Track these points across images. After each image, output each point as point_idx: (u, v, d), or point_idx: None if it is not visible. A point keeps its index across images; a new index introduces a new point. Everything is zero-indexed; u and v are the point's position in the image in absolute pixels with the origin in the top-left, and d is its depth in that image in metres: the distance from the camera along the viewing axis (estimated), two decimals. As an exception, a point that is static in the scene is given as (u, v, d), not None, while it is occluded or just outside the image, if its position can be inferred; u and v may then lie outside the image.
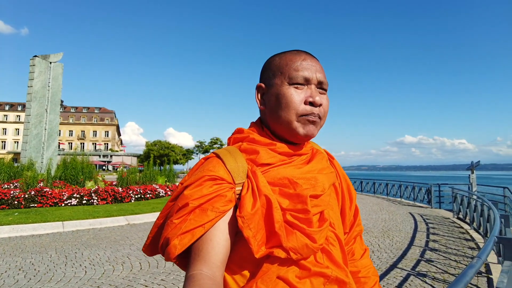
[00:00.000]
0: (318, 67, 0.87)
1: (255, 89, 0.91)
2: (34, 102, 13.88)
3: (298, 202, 0.77)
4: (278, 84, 0.85)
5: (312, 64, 0.85)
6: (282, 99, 0.83)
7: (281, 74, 0.85)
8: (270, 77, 0.87)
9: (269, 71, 0.88)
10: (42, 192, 9.56)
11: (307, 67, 0.84)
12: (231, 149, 0.84)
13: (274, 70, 0.87)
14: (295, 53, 0.87)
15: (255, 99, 0.92)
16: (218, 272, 0.70)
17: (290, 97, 0.82)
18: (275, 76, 0.86)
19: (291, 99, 0.82)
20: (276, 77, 0.86)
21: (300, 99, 0.83)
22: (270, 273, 0.74)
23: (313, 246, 0.74)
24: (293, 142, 0.87)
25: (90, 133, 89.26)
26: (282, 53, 0.90)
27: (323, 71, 0.88)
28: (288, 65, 0.85)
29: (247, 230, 0.72)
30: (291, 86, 0.83)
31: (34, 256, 5.07)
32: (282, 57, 0.88)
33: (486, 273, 4.58)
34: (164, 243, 0.75)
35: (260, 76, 0.92)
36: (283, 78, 0.84)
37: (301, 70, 0.84)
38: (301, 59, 0.85)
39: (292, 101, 0.82)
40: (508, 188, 9.60)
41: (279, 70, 0.86)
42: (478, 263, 1.67)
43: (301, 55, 0.87)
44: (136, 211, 9.14)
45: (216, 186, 0.75)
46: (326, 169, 0.89)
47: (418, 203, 13.81)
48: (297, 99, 0.83)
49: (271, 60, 0.90)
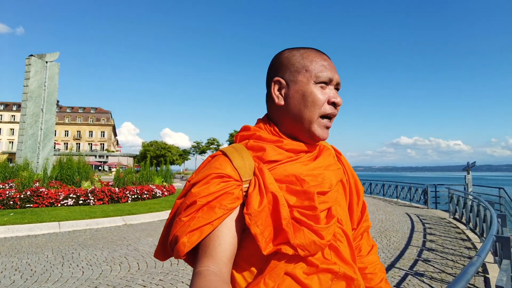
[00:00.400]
0: (335, 69, 0.89)
1: (272, 82, 0.88)
2: (30, 102, 13.78)
3: (305, 199, 0.77)
4: (304, 81, 0.84)
5: (332, 65, 0.88)
6: (308, 97, 0.84)
7: (307, 71, 0.85)
8: (292, 73, 0.86)
9: (290, 66, 0.86)
10: (38, 192, 9.49)
11: (329, 67, 0.86)
12: (237, 147, 0.84)
13: (297, 67, 0.85)
14: (316, 52, 0.88)
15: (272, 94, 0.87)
16: (225, 269, 0.70)
17: (317, 95, 0.84)
18: (299, 73, 0.85)
19: (318, 98, 0.83)
20: (301, 74, 0.85)
21: (324, 98, 0.84)
22: (277, 269, 0.74)
23: (320, 242, 0.74)
24: (303, 141, 0.87)
25: (86, 133, 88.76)
26: (300, 49, 0.88)
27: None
28: (313, 63, 0.85)
29: (255, 227, 0.72)
30: (317, 85, 0.84)
31: (30, 257, 5.03)
32: (304, 54, 0.87)
33: (483, 273, 4.61)
34: (173, 240, 0.75)
35: (276, 69, 0.89)
36: (309, 76, 0.84)
37: (325, 70, 0.85)
38: (323, 59, 0.87)
39: (318, 100, 0.84)
40: (503, 189, 9.68)
41: (304, 67, 0.85)
42: (478, 261, 1.68)
43: (322, 55, 0.88)
44: (133, 211, 9.10)
45: (223, 183, 0.75)
46: (333, 165, 0.89)
47: (414, 204, 13.88)
48: (322, 98, 0.84)
49: (290, 55, 0.88)
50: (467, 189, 12.14)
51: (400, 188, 15.68)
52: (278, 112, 0.89)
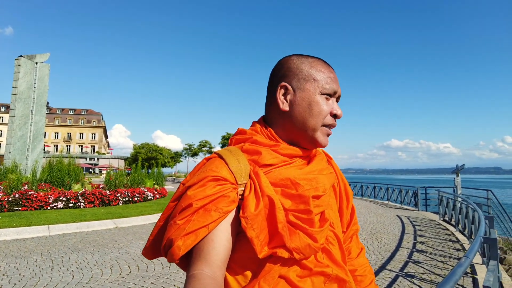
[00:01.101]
0: (338, 82, 0.92)
1: (278, 87, 0.88)
2: (19, 103, 13.56)
3: (300, 202, 0.78)
4: (312, 91, 0.86)
5: (336, 78, 0.91)
6: (315, 106, 0.85)
7: (315, 81, 0.86)
8: (300, 80, 0.87)
9: (299, 73, 0.87)
10: (27, 195, 9.33)
11: (334, 80, 0.89)
12: (233, 150, 0.84)
13: (305, 75, 0.87)
14: (324, 63, 0.91)
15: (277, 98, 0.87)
16: (219, 272, 0.70)
17: (322, 106, 0.86)
18: (307, 81, 0.86)
19: (323, 108, 0.86)
20: (309, 82, 0.86)
21: (328, 110, 0.87)
22: (272, 273, 0.74)
23: (315, 246, 0.75)
24: (304, 147, 0.89)
25: (77, 135, 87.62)
26: (309, 57, 0.90)
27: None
28: (321, 74, 0.87)
29: (251, 230, 0.72)
30: (323, 96, 0.87)
31: (19, 261, 4.95)
32: (313, 63, 0.88)
33: (472, 274, 4.69)
34: (167, 244, 0.74)
35: (283, 75, 0.89)
36: (316, 86, 0.86)
37: (331, 83, 0.88)
38: (329, 71, 0.89)
39: (323, 110, 0.86)
40: (491, 191, 9.87)
41: (312, 76, 0.86)
42: (466, 262, 1.72)
43: (329, 67, 0.91)
44: (124, 214, 9.01)
45: (219, 186, 0.75)
46: (325, 170, 0.91)
47: (405, 206, 14.03)
48: (326, 109, 0.87)
49: (299, 62, 0.88)
50: (456, 191, 12.34)
51: (391, 190, 15.85)
52: (280, 117, 0.89)
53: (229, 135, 57.08)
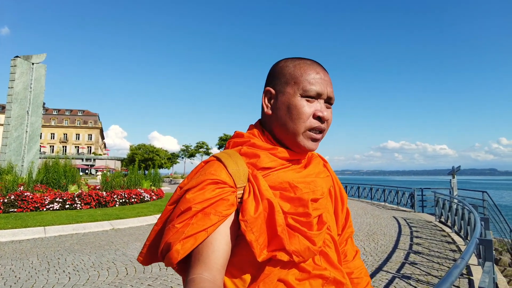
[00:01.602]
0: (329, 82, 0.87)
1: (263, 92, 0.90)
2: (15, 104, 13.47)
3: (299, 205, 0.78)
4: (291, 93, 0.84)
5: (324, 79, 0.86)
6: (293, 110, 0.83)
7: (295, 84, 0.85)
8: (282, 84, 0.87)
9: (282, 77, 0.87)
10: (23, 196, 9.27)
11: (320, 81, 0.85)
12: (231, 153, 0.84)
13: (287, 78, 0.86)
14: (310, 64, 0.87)
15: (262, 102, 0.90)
16: (219, 276, 0.70)
17: (301, 109, 0.83)
18: (287, 84, 0.86)
19: (302, 111, 0.83)
20: (289, 85, 0.85)
21: (310, 112, 0.84)
22: (272, 276, 0.74)
23: (313, 248, 0.76)
24: (293, 150, 0.88)
25: (73, 136, 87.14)
26: (295, 60, 0.89)
27: (332, 85, 0.89)
28: (303, 76, 0.85)
29: (250, 234, 0.72)
30: (303, 98, 0.84)
31: (14, 263, 4.91)
32: (297, 65, 0.87)
33: (467, 275, 4.72)
34: (165, 248, 0.73)
35: (268, 79, 0.91)
36: (296, 88, 0.84)
37: (315, 84, 0.84)
38: (315, 72, 0.86)
39: (303, 113, 0.83)
40: (486, 192, 9.92)
41: (293, 79, 0.85)
42: (462, 263, 1.73)
43: (316, 67, 0.87)
44: (121, 216, 8.97)
45: (218, 190, 0.75)
46: (322, 173, 0.92)
47: (401, 207, 14.08)
48: (307, 111, 0.83)
49: (283, 66, 0.89)
50: (452, 192, 12.39)
51: (388, 192, 15.90)
52: (268, 121, 0.90)
53: (226, 136, 56.98)
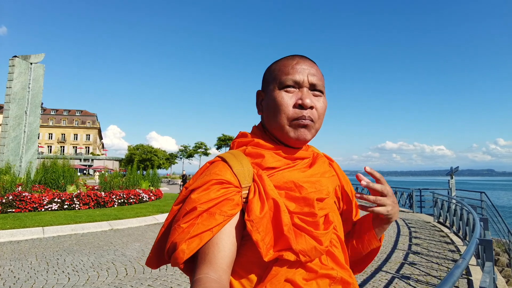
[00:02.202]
0: (313, 70, 0.87)
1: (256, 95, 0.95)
2: (13, 104, 13.43)
3: (304, 205, 0.79)
4: (271, 89, 0.87)
5: (304, 67, 0.86)
6: (273, 103, 0.85)
7: (274, 80, 0.87)
8: (267, 84, 0.90)
9: (267, 77, 0.91)
10: (21, 196, 9.24)
11: (299, 70, 0.85)
12: (236, 153, 0.85)
13: (268, 77, 0.90)
14: (289, 58, 0.89)
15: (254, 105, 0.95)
16: (225, 276, 0.70)
17: (280, 101, 0.84)
18: (269, 83, 0.89)
19: (281, 103, 0.84)
20: (271, 83, 0.88)
21: (291, 102, 0.84)
22: (279, 276, 0.74)
23: (320, 248, 0.76)
24: (290, 146, 0.89)
25: (71, 136, 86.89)
26: (282, 58, 0.92)
27: (319, 73, 0.88)
28: (281, 70, 0.87)
29: (256, 233, 0.72)
30: (282, 90, 0.85)
31: (13, 263, 4.89)
32: (277, 63, 0.90)
33: (466, 275, 4.74)
34: (171, 248, 0.74)
35: (262, 83, 0.95)
36: (275, 83, 0.86)
37: (292, 74, 0.85)
38: (293, 63, 0.86)
39: (281, 105, 0.83)
40: (485, 193, 9.95)
41: (272, 76, 0.88)
42: (463, 263, 1.74)
43: (294, 59, 0.88)
44: (120, 216, 8.96)
45: (223, 190, 0.75)
46: (328, 173, 0.92)
47: (400, 208, 14.11)
48: (287, 102, 0.83)
49: (269, 67, 0.93)
50: (451, 193, 12.43)
51: (386, 192, 15.90)
52: (263, 121, 0.93)
53: (225, 136, 56.95)
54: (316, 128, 0.87)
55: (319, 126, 0.88)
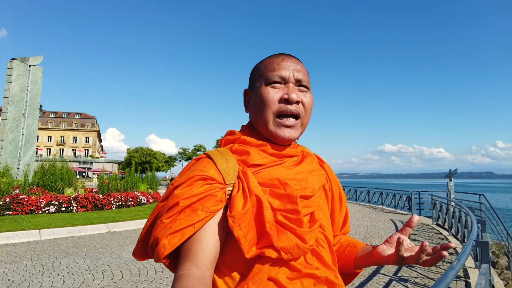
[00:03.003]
0: (298, 67, 0.88)
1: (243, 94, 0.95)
2: (11, 106, 13.41)
3: (288, 202, 0.78)
4: (258, 86, 0.88)
5: (289, 64, 0.87)
6: (259, 99, 0.86)
7: (260, 77, 0.88)
8: (253, 82, 0.91)
9: (253, 76, 0.92)
10: (18, 199, 9.21)
11: (284, 66, 0.87)
12: (222, 150, 0.85)
13: (255, 75, 0.91)
14: (274, 56, 0.91)
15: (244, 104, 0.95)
16: (207, 273, 0.70)
17: (266, 96, 0.85)
18: (255, 80, 0.90)
19: (266, 98, 0.84)
20: (257, 81, 0.89)
21: (277, 97, 0.85)
22: (261, 274, 0.74)
23: (303, 246, 0.75)
24: (277, 143, 0.88)
25: (70, 139, 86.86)
26: (267, 57, 0.93)
27: (304, 70, 0.90)
28: (267, 67, 0.88)
29: (238, 229, 0.72)
30: (268, 86, 0.86)
31: (8, 266, 4.86)
32: (263, 61, 0.92)
33: (464, 277, 4.71)
34: (154, 243, 0.74)
35: (249, 82, 0.96)
36: (261, 80, 0.87)
37: (277, 70, 0.86)
38: (278, 60, 0.88)
39: (267, 99, 0.84)
40: (483, 195, 9.94)
41: (258, 73, 0.89)
42: (458, 265, 1.72)
43: (280, 57, 0.90)
44: (117, 219, 8.92)
45: (206, 186, 0.75)
46: (316, 171, 0.91)
47: (399, 210, 14.09)
48: (273, 97, 0.84)
49: (255, 66, 0.94)
50: (450, 195, 12.42)
51: (385, 195, 15.90)
52: (251, 119, 0.93)
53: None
54: (304, 123, 0.88)
55: (307, 120, 0.89)
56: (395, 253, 0.79)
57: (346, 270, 0.95)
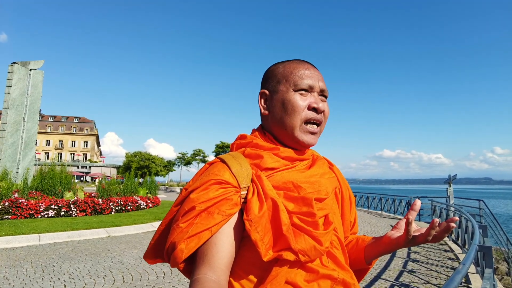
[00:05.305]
0: (320, 76, 0.92)
1: (258, 95, 0.95)
2: (11, 110, 13.41)
3: (303, 205, 0.79)
4: (284, 90, 0.89)
5: (315, 73, 0.91)
6: (288, 104, 0.87)
7: (286, 81, 0.89)
8: (274, 84, 0.91)
9: (274, 78, 0.92)
10: (17, 203, 9.16)
11: (310, 75, 0.89)
12: (235, 154, 0.86)
13: (279, 78, 0.91)
14: (299, 62, 0.92)
15: (258, 105, 0.95)
16: (223, 276, 0.71)
17: (296, 102, 0.87)
18: (280, 83, 0.90)
19: (296, 104, 0.86)
20: (281, 84, 0.90)
21: (305, 104, 0.87)
22: (279, 277, 0.74)
23: (320, 248, 0.76)
24: (292, 147, 0.90)
25: (69, 143, 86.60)
26: (286, 61, 0.94)
27: (324, 80, 0.93)
28: (293, 73, 0.89)
29: (255, 233, 0.72)
30: (296, 93, 0.88)
31: (8, 270, 4.83)
32: (286, 65, 0.92)
33: (466, 283, 4.71)
34: (170, 247, 0.74)
35: (263, 83, 0.96)
36: (288, 85, 0.88)
37: (305, 78, 0.88)
38: (304, 68, 0.90)
39: (297, 106, 0.86)
40: (483, 201, 9.95)
41: (284, 77, 0.90)
42: (463, 269, 1.73)
43: (305, 64, 0.92)
44: (117, 223, 8.88)
45: (222, 189, 0.76)
46: (327, 174, 0.93)
47: (398, 216, 14.08)
48: (302, 104, 0.87)
49: (274, 68, 0.94)
50: (449, 201, 12.43)
51: (384, 200, 15.90)
52: (266, 122, 0.94)
53: (223, 143, 56.92)
54: (322, 131, 0.92)
55: (323, 128, 0.93)
56: (405, 233, 0.82)
57: (357, 265, 0.97)
